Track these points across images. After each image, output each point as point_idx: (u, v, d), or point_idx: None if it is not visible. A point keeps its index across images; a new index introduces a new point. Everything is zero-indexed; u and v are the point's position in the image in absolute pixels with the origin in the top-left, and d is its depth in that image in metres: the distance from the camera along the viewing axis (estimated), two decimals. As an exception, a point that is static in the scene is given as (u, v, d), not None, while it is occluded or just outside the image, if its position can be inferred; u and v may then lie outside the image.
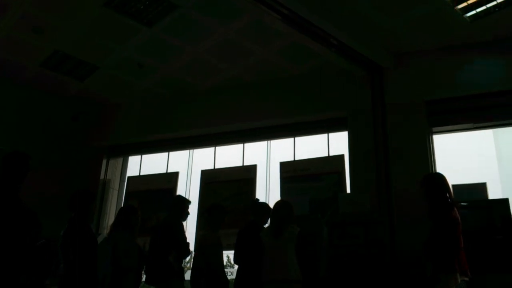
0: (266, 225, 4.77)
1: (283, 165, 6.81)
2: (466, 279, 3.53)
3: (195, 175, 7.46)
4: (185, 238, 4.85)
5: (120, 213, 4.60)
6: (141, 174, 8.00)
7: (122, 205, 7.75)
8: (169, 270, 4.50)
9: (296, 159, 6.84)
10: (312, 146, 6.93)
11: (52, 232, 4.22)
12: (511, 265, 4.53)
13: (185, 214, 4.96)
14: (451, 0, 5.05)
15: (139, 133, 7.82)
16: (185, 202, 5.00)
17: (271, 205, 4.75)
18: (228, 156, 7.50)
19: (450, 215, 3.55)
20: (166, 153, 7.90)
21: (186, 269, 7.39)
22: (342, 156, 6.41)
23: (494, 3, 5.06)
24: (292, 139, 7.00)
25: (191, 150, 7.77)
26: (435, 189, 3.73)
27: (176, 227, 4.73)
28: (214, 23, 5.74)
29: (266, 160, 7.15)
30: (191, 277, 4.76)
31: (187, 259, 6.05)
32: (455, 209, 3.63)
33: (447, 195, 3.70)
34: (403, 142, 5.82)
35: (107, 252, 4.06)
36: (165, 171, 7.74)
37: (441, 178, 3.83)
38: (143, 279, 4.67)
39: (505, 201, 4.89)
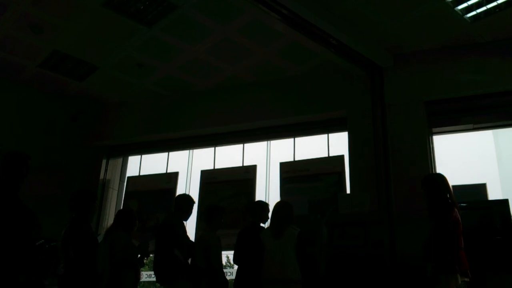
0: (266, 225, 4.78)
1: (283, 166, 6.81)
2: (467, 279, 3.53)
3: (195, 175, 7.46)
4: (187, 237, 4.86)
5: (118, 215, 4.61)
6: (141, 174, 8.00)
7: (122, 205, 7.76)
8: (176, 270, 4.50)
9: (296, 159, 6.84)
10: (312, 147, 6.94)
11: (52, 232, 4.23)
12: (511, 266, 4.53)
13: (189, 214, 4.96)
14: (452, 1, 5.05)
15: (139, 133, 7.82)
16: (193, 203, 5.00)
17: (271, 206, 4.76)
18: (228, 156, 7.51)
19: (450, 216, 3.54)
20: (166, 153, 7.90)
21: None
22: (342, 157, 6.41)
23: (494, 4, 5.05)
24: (292, 139, 7.00)
25: (191, 150, 7.77)
26: (435, 189, 3.73)
27: (179, 226, 4.73)
28: (213, 23, 5.74)
29: (266, 161, 7.15)
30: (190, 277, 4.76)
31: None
32: (456, 209, 3.62)
33: (448, 195, 3.70)
34: (403, 143, 5.82)
35: (104, 250, 4.06)
36: (165, 171, 7.74)
37: (441, 179, 3.83)
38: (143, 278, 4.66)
39: (505, 201, 4.88)
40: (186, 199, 5.01)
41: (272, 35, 5.87)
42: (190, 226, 6.88)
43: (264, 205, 5.02)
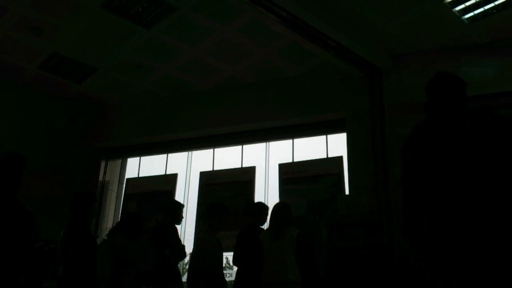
0: (265, 227, 4.79)
1: (282, 167, 6.81)
2: (466, 280, 3.53)
3: (194, 176, 7.46)
4: (180, 241, 4.84)
5: (125, 218, 4.60)
6: (140, 175, 8.00)
7: (121, 207, 7.75)
8: (166, 273, 4.50)
9: (295, 160, 6.85)
10: (310, 148, 6.94)
11: (51, 233, 4.22)
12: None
13: (180, 218, 4.95)
14: (449, 2, 5.07)
15: (138, 134, 7.82)
16: (179, 207, 4.98)
17: (270, 207, 4.76)
18: (227, 157, 7.51)
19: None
20: (165, 155, 7.90)
21: (184, 270, 7.39)
22: (340, 158, 6.42)
23: (492, 5, 5.08)
24: (291, 140, 7.00)
25: (190, 152, 7.77)
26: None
27: (172, 231, 4.73)
28: (213, 23, 5.75)
29: (265, 162, 7.16)
30: (188, 279, 4.75)
31: (186, 260, 6.05)
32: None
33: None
34: (402, 144, 5.81)
35: (105, 252, 4.06)
36: (164, 173, 7.74)
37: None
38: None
39: (503, 202, 4.88)
40: (174, 205, 5.01)
41: (272, 36, 5.88)
42: (190, 226, 6.89)
43: (263, 207, 5.01)
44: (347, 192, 6.11)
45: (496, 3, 5.04)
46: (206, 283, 4.54)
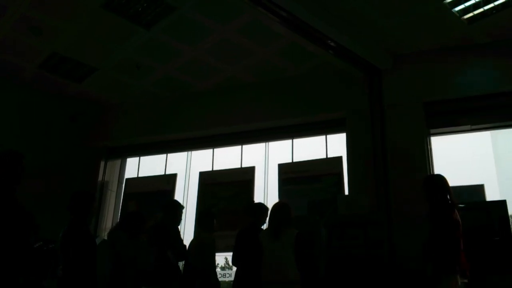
0: (265, 227, 4.78)
1: (282, 167, 6.81)
2: (466, 280, 3.54)
3: (194, 176, 7.46)
4: (181, 241, 4.84)
5: (125, 217, 4.58)
6: (139, 175, 7.99)
7: (120, 207, 7.74)
8: (166, 273, 4.49)
9: (295, 160, 6.85)
10: (310, 148, 6.94)
11: (51, 233, 4.22)
12: (509, 267, 4.54)
13: (179, 219, 4.96)
14: (449, 2, 5.08)
15: (137, 134, 7.82)
16: (180, 207, 4.98)
17: (270, 207, 4.75)
18: (227, 157, 7.51)
19: (451, 217, 3.55)
20: (165, 155, 7.90)
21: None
22: (340, 158, 6.42)
23: (491, 5, 5.08)
24: (290, 140, 7.00)
25: (190, 152, 7.77)
26: (436, 190, 3.74)
27: (172, 230, 4.72)
28: (213, 23, 5.75)
29: (265, 162, 7.16)
30: (184, 276, 4.74)
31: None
32: (456, 211, 3.63)
33: (448, 196, 3.70)
34: (401, 144, 5.84)
35: (105, 252, 4.05)
36: (163, 173, 7.73)
37: (442, 180, 3.83)
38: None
39: (502, 202, 4.89)
40: (175, 205, 5.00)
41: (272, 36, 5.88)
42: (189, 228, 6.88)
43: (264, 208, 5.00)
44: (346, 192, 6.11)
45: (496, 3, 5.06)
46: (202, 282, 4.54)
